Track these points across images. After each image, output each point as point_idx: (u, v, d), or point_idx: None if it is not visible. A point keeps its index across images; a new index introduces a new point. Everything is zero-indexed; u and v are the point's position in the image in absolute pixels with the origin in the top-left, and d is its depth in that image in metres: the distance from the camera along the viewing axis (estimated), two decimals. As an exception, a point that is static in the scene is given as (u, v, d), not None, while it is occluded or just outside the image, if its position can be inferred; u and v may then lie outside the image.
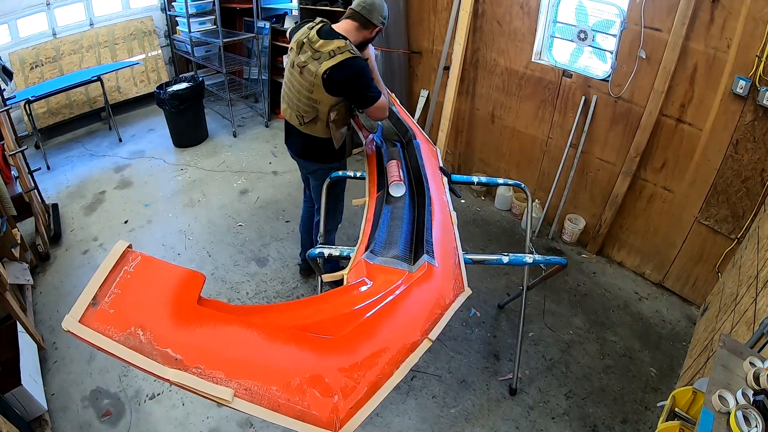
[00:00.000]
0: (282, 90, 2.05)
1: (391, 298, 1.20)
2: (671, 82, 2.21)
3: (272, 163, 3.84)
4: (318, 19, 1.91)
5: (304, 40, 1.84)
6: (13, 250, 2.25)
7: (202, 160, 3.88)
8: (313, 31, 1.83)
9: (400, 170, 1.83)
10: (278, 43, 4.31)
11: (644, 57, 2.27)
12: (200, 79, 4.06)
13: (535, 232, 3.06)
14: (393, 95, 2.46)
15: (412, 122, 2.29)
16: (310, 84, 1.82)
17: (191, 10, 3.97)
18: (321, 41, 1.79)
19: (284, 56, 2.06)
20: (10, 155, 2.67)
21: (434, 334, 1.13)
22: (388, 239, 1.50)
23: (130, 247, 1.00)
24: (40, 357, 2.14)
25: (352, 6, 1.90)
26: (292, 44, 1.91)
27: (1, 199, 2.30)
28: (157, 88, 3.89)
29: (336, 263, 2.58)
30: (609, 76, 2.45)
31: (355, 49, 1.80)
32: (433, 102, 3.41)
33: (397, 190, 1.74)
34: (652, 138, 2.39)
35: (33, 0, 3.88)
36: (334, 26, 1.88)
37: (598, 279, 2.74)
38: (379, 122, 2.25)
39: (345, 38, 1.81)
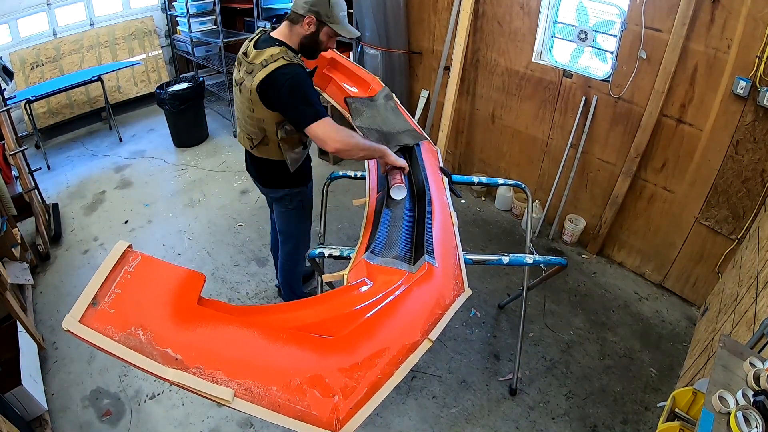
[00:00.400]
0: (236, 114, 1.88)
1: (391, 298, 1.20)
2: (671, 83, 2.21)
3: (272, 163, 3.84)
4: (259, 30, 1.74)
5: (241, 56, 1.68)
6: (13, 249, 2.25)
7: (202, 160, 3.89)
8: (251, 43, 1.66)
9: (402, 173, 1.81)
10: (278, 43, 4.30)
11: (644, 57, 2.27)
12: (201, 79, 4.06)
13: (536, 233, 3.06)
14: (394, 96, 2.45)
15: (412, 122, 2.29)
16: (249, 101, 1.64)
17: (192, 10, 3.98)
18: (255, 52, 1.61)
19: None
20: (10, 155, 2.67)
21: (434, 335, 1.13)
22: (388, 239, 1.50)
23: (130, 247, 0.99)
24: (40, 357, 2.14)
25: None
26: (235, 62, 1.75)
27: (1, 199, 2.30)
28: (158, 88, 3.89)
29: (310, 274, 2.55)
30: (609, 76, 2.45)
31: (292, 54, 1.59)
32: (433, 102, 3.41)
33: (399, 193, 1.69)
34: (652, 138, 2.39)
35: (33, 0, 3.89)
36: (272, 33, 1.69)
37: (599, 279, 2.74)
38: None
39: (282, 44, 1.62)
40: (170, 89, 3.82)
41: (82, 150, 4.04)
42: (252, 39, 1.69)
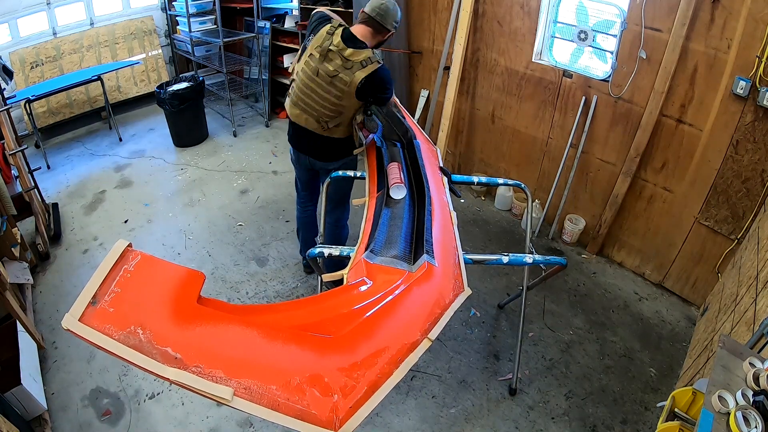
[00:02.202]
0: (293, 95, 2.01)
1: (390, 297, 1.20)
2: (671, 83, 2.21)
3: (272, 163, 3.84)
4: (336, 23, 1.92)
5: (332, 48, 1.83)
6: (13, 249, 2.25)
7: (202, 160, 3.89)
8: (337, 38, 1.84)
9: (401, 172, 1.83)
10: (278, 43, 4.31)
11: (644, 57, 2.27)
12: (200, 78, 4.06)
13: (535, 232, 3.06)
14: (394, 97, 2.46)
15: (412, 122, 2.29)
16: (340, 92, 1.86)
17: (191, 10, 3.98)
18: (350, 50, 1.82)
19: (285, 56, 2.06)
20: (10, 154, 2.67)
21: (434, 334, 1.13)
22: (388, 239, 1.50)
23: (130, 246, 0.99)
24: (39, 356, 2.14)
25: (366, 11, 1.92)
26: (313, 51, 1.88)
27: (1, 199, 2.30)
28: (158, 87, 3.89)
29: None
30: (609, 76, 2.45)
31: (379, 56, 1.88)
32: (433, 102, 3.41)
33: (398, 192, 1.74)
34: (652, 138, 2.39)
35: (33, -1, 3.89)
36: (354, 32, 1.89)
37: (598, 279, 2.74)
38: (379, 122, 2.25)
39: (366, 45, 1.87)
40: (170, 89, 3.82)
41: (82, 149, 4.03)
42: (333, 33, 1.87)
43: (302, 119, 2.01)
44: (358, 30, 1.91)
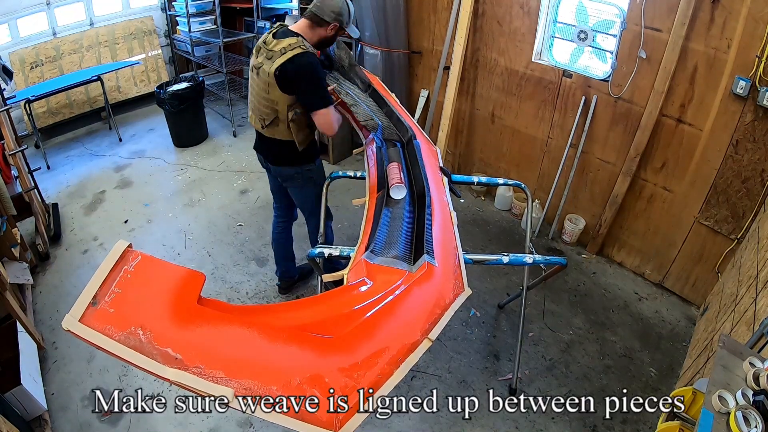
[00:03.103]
0: (248, 98, 2.04)
1: (391, 298, 1.20)
2: (671, 83, 2.21)
3: (272, 163, 3.84)
4: (276, 24, 1.93)
5: (261, 44, 1.86)
6: (13, 249, 2.25)
7: (202, 160, 3.89)
8: (269, 34, 1.85)
9: (401, 172, 1.82)
10: (278, 43, 4.30)
11: (644, 57, 2.27)
12: (200, 78, 4.06)
13: (535, 232, 3.06)
14: (393, 95, 2.45)
15: (412, 122, 2.29)
16: (265, 84, 1.82)
17: (191, 10, 3.98)
18: (274, 41, 1.80)
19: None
20: (10, 155, 2.67)
21: (434, 334, 1.13)
22: (388, 239, 1.50)
23: (130, 246, 1.00)
24: (39, 356, 2.14)
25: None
26: (254, 50, 1.92)
27: (1, 199, 2.30)
28: (157, 87, 3.89)
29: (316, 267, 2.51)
30: (609, 76, 2.45)
31: (307, 44, 1.79)
32: (433, 102, 3.41)
33: (398, 192, 1.73)
34: (652, 138, 2.39)
35: (33, 0, 3.88)
36: (290, 27, 1.88)
37: (598, 279, 2.74)
38: (379, 122, 2.24)
39: (298, 35, 1.81)
40: (170, 89, 3.82)
41: (82, 150, 4.03)
42: (270, 31, 1.87)
43: (252, 119, 2.01)
44: (297, 25, 1.89)
